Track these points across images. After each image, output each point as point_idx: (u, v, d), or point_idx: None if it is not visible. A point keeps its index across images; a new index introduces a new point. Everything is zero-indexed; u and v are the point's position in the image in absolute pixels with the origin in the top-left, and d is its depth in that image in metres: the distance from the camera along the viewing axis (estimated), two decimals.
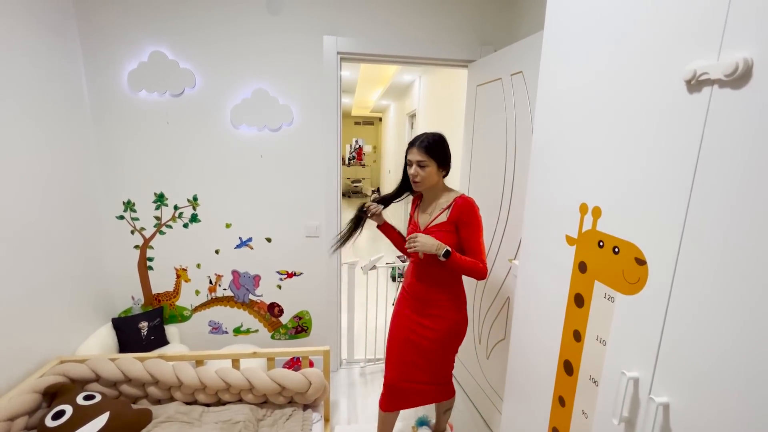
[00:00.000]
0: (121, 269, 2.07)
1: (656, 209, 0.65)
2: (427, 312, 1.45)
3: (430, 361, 1.48)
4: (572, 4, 0.86)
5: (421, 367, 1.49)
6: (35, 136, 1.56)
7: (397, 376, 1.51)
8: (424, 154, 1.36)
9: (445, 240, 1.33)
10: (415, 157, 1.38)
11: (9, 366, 1.43)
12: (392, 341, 1.55)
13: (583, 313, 0.84)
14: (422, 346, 1.46)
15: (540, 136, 0.99)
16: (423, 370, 1.49)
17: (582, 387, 0.85)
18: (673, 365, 0.63)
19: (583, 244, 0.84)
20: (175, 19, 1.84)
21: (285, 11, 1.90)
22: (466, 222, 1.34)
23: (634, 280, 0.70)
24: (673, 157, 0.62)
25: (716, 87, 0.55)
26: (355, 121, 10.65)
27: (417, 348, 1.47)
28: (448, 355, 1.51)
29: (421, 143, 1.37)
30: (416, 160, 1.38)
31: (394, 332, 1.55)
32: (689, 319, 0.60)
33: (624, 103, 0.72)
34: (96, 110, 1.88)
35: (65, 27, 1.73)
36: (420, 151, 1.37)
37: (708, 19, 0.55)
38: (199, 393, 1.61)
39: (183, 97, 1.93)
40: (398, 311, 1.56)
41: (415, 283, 1.48)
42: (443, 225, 1.37)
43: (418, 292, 1.47)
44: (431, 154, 1.36)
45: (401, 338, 1.51)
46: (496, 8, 2.03)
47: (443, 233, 1.35)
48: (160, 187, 2.02)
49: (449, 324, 1.44)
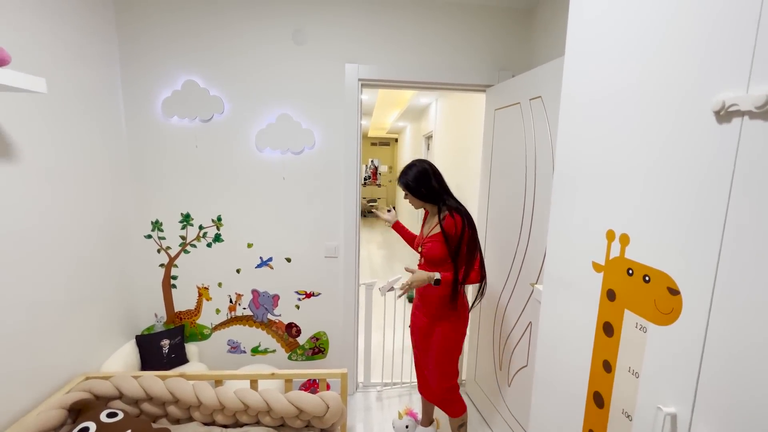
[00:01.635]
0: (146, 287, 2.13)
1: (689, 238, 0.64)
2: (429, 312, 1.70)
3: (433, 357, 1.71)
4: (594, 32, 0.88)
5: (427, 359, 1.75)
6: (76, 158, 1.65)
7: (417, 362, 1.87)
8: (403, 189, 1.70)
9: (436, 248, 1.62)
10: (400, 188, 1.72)
11: (38, 381, 1.47)
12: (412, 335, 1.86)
13: (613, 343, 0.82)
14: (426, 341, 1.73)
15: (563, 162, 1.00)
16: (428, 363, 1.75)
17: (614, 421, 0.82)
18: (715, 401, 0.60)
19: (611, 271, 0.83)
20: (208, 50, 1.96)
21: (309, 42, 2.00)
22: (452, 235, 1.59)
23: (668, 310, 0.68)
24: (705, 186, 0.61)
25: (747, 118, 0.55)
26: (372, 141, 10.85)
27: (424, 341, 1.74)
28: (444, 358, 1.70)
29: (399, 181, 1.71)
30: (403, 192, 1.73)
31: (412, 327, 1.84)
32: (730, 351, 0.58)
33: (651, 131, 0.72)
34: (131, 135, 2.00)
35: (108, 57, 1.86)
36: (399, 185, 1.72)
37: (735, 50, 0.56)
38: (218, 414, 1.60)
39: (212, 123, 2.02)
40: (413, 311, 1.84)
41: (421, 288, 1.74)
42: (436, 236, 1.65)
43: (423, 294, 1.74)
44: (408, 190, 1.68)
45: (415, 332, 1.80)
46: (514, 34, 2.08)
47: (435, 243, 1.64)
48: (187, 207, 2.10)
49: (444, 327, 1.67)
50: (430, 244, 1.64)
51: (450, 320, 1.67)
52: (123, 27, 1.91)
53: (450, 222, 1.59)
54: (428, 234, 1.69)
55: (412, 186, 1.66)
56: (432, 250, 1.63)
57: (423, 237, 1.73)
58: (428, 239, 1.67)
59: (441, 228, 1.61)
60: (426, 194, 1.65)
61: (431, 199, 1.66)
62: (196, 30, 1.95)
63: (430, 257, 1.66)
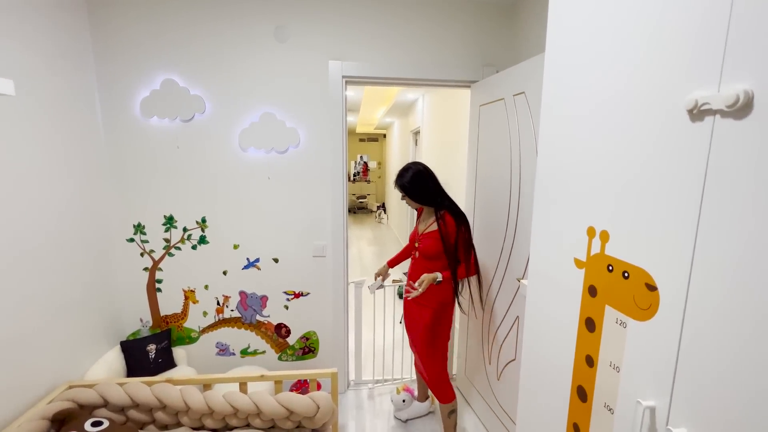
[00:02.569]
0: (130, 292, 2.09)
1: (665, 235, 0.65)
2: (419, 299, 1.78)
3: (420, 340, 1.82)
4: (573, 31, 0.88)
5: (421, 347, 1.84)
6: (51, 162, 1.60)
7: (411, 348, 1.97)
8: (399, 189, 1.78)
9: (432, 244, 1.73)
10: (397, 190, 1.80)
11: (19, 391, 1.44)
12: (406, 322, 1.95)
13: (595, 338, 0.83)
14: (414, 324, 1.84)
15: (544, 159, 1.00)
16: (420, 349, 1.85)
17: (597, 414, 0.83)
18: (691, 394, 0.62)
19: (592, 267, 0.84)
20: (186, 48, 1.91)
21: (291, 39, 1.97)
22: (447, 234, 1.71)
23: (646, 306, 0.69)
24: (680, 183, 0.62)
25: (718, 117, 0.55)
26: (360, 138, 10.79)
27: (417, 329, 1.83)
28: (434, 342, 1.81)
29: (395, 183, 1.78)
30: (400, 193, 1.80)
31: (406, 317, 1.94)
32: (705, 345, 0.59)
33: (628, 128, 0.73)
34: (109, 137, 1.94)
35: (82, 57, 1.80)
36: (396, 187, 1.79)
37: (706, 49, 0.57)
38: (206, 418, 1.59)
39: (193, 122, 1.98)
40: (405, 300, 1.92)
41: (413, 276, 1.84)
42: (432, 234, 1.75)
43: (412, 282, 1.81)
44: (404, 192, 1.77)
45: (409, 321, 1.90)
46: (498, 30, 2.08)
47: (431, 240, 1.74)
48: (170, 209, 2.06)
49: (432, 311, 1.78)
50: (427, 241, 1.76)
51: (442, 309, 1.78)
52: (96, 25, 1.85)
53: (444, 221, 1.71)
54: (424, 231, 1.80)
55: (408, 188, 1.75)
56: (428, 246, 1.75)
57: (419, 234, 1.83)
58: (424, 236, 1.78)
59: (438, 226, 1.72)
60: (422, 196, 1.75)
61: (427, 199, 1.76)
62: (173, 27, 1.89)
63: (425, 252, 1.77)
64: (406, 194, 1.77)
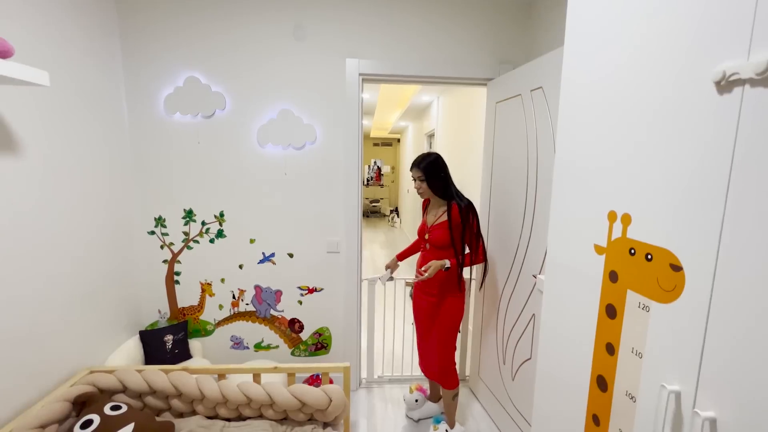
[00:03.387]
0: (149, 283, 2.14)
1: (690, 213, 0.64)
2: (432, 291, 1.82)
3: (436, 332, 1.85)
4: (593, 15, 0.87)
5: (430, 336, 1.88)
6: (79, 154, 1.67)
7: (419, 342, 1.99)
8: (420, 171, 1.78)
9: (443, 234, 1.76)
10: (415, 173, 1.81)
11: (43, 374, 1.48)
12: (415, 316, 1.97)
13: (616, 325, 0.81)
14: (427, 318, 1.87)
15: (564, 146, 0.99)
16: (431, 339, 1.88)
17: (618, 404, 0.81)
18: (719, 376, 0.59)
19: (613, 252, 0.82)
20: (209, 46, 1.98)
21: (309, 37, 2.01)
22: (456, 224, 1.75)
23: (670, 287, 0.67)
24: (707, 159, 0.61)
25: (747, 86, 0.54)
26: (374, 142, 10.85)
27: (428, 320, 1.87)
28: (447, 332, 1.84)
29: (418, 163, 1.79)
30: (416, 176, 1.81)
31: (415, 309, 1.96)
32: (734, 325, 0.57)
33: (652, 110, 0.71)
34: (134, 132, 2.01)
35: (111, 54, 1.88)
36: (417, 169, 1.79)
37: (735, 19, 0.56)
38: (221, 407, 1.61)
39: (214, 119, 2.03)
40: (416, 293, 1.94)
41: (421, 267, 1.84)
42: (442, 224, 1.78)
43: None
44: (424, 173, 1.77)
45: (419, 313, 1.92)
46: (514, 28, 2.08)
47: (441, 230, 1.77)
48: (190, 203, 2.11)
49: (448, 302, 1.81)
50: (438, 232, 1.79)
51: (452, 297, 1.81)
52: (124, 23, 1.93)
53: (455, 212, 1.75)
54: (434, 222, 1.83)
55: (429, 170, 1.76)
56: (439, 237, 1.78)
57: (428, 226, 1.86)
58: (434, 227, 1.81)
59: (448, 217, 1.75)
60: (437, 182, 1.77)
61: (441, 187, 1.78)
62: (196, 26, 1.96)
63: (436, 242, 1.79)
64: (425, 178, 1.77)
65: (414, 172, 1.82)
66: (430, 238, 1.82)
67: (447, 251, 1.78)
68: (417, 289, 1.93)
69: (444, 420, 1.98)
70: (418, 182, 1.82)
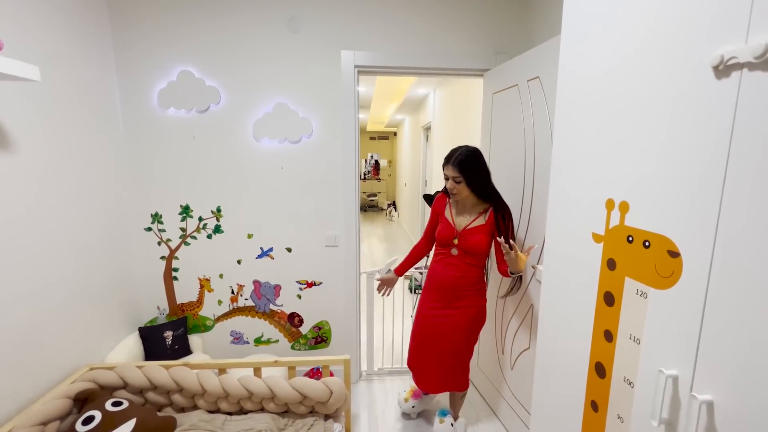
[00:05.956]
0: (147, 280, 2.14)
1: (688, 199, 0.64)
2: (457, 303, 1.65)
3: (456, 348, 1.69)
4: (589, 2, 0.87)
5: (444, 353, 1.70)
6: (72, 150, 1.65)
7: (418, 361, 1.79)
8: (456, 170, 1.52)
9: (481, 240, 1.58)
10: (450, 173, 1.54)
11: (43, 372, 1.48)
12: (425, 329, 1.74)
13: (614, 312, 0.82)
14: (449, 334, 1.68)
15: (561, 135, 0.99)
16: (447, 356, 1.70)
17: (616, 390, 0.82)
18: (716, 360, 0.60)
19: (610, 240, 0.82)
20: (202, 39, 1.95)
21: (304, 29, 1.98)
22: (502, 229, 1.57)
23: (668, 273, 0.68)
24: (704, 145, 0.61)
25: (746, 70, 0.54)
26: (371, 136, 10.81)
27: (443, 336, 1.68)
28: (471, 342, 1.72)
29: (454, 160, 1.52)
30: (451, 175, 1.54)
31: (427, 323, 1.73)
32: (731, 309, 0.58)
33: (649, 96, 0.71)
34: (128, 128, 1.99)
35: (103, 48, 1.85)
36: (454, 168, 1.52)
37: (732, 2, 0.55)
38: (222, 401, 1.61)
39: (208, 113, 2.01)
40: (422, 304, 1.77)
41: (447, 276, 1.65)
42: (480, 228, 1.59)
43: (449, 284, 1.65)
44: (462, 172, 1.51)
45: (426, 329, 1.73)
46: (510, 18, 2.06)
47: (482, 234, 1.58)
48: (186, 199, 2.10)
49: (476, 310, 1.67)
50: (476, 236, 1.57)
51: (479, 303, 1.69)
52: (116, 17, 1.90)
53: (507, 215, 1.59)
54: (468, 226, 1.60)
55: (468, 169, 1.50)
56: (476, 242, 1.57)
57: (458, 229, 1.63)
58: (469, 231, 1.59)
59: (496, 221, 1.56)
60: (478, 181, 1.53)
61: (481, 186, 1.55)
62: (189, 19, 1.93)
63: (470, 248, 1.58)
64: (463, 176, 1.50)
65: (448, 170, 1.52)
66: (461, 244, 1.59)
67: (479, 259, 1.61)
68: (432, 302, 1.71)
69: (450, 413, 1.91)
70: (452, 183, 1.54)
